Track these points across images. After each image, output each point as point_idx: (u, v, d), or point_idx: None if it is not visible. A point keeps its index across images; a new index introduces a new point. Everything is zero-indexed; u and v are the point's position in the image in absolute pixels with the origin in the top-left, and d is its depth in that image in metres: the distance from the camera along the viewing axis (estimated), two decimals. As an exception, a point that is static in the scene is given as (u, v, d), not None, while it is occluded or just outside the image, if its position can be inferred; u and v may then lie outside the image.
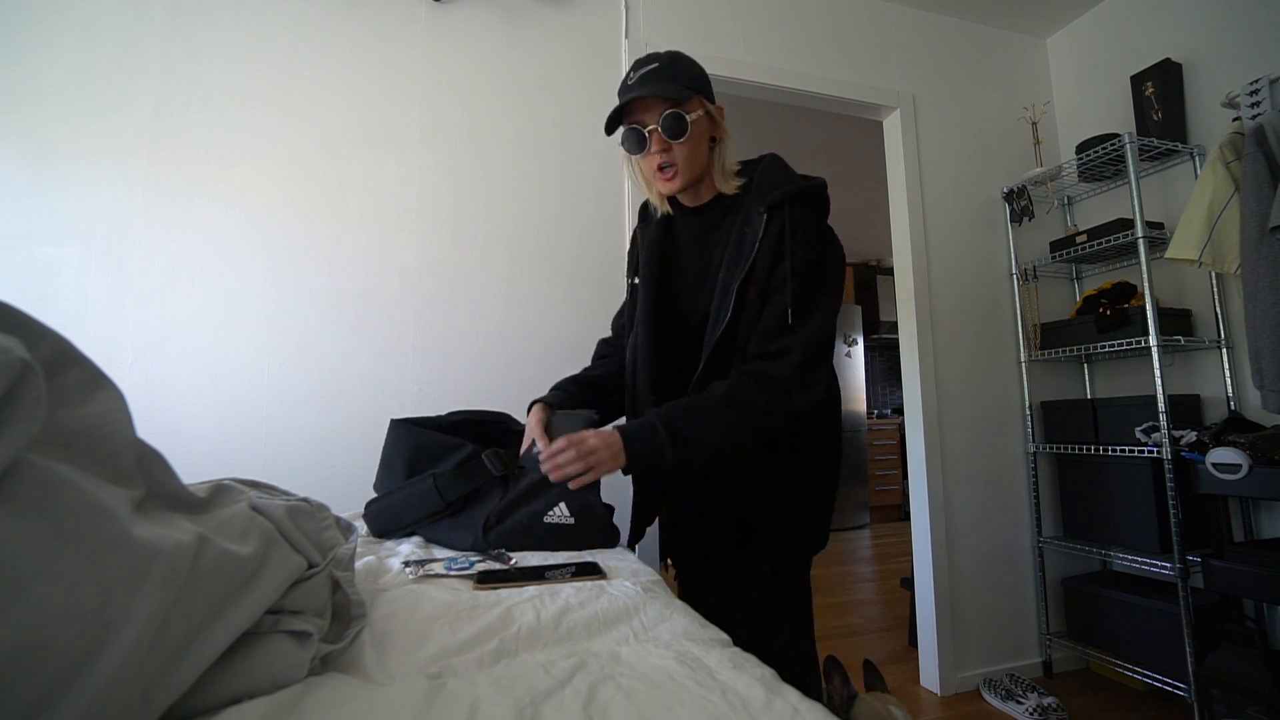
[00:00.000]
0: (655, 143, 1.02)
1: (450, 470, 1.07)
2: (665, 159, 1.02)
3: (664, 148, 1.02)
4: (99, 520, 0.35)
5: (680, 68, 1.03)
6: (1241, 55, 2.01)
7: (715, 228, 1.09)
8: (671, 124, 0.99)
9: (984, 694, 2.12)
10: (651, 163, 1.04)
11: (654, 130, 1.01)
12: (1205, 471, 1.71)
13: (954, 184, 2.45)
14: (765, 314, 0.99)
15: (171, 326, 1.58)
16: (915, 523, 2.29)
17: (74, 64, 1.57)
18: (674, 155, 1.02)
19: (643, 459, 0.95)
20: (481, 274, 1.84)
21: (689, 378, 1.05)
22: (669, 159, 1.02)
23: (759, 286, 0.99)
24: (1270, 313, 1.62)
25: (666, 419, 0.95)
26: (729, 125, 1.10)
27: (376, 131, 1.80)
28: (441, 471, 1.07)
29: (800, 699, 0.50)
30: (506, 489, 1.07)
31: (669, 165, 1.03)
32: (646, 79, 1.00)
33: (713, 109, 1.06)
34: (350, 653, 0.56)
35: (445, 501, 1.05)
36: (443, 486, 1.05)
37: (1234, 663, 1.66)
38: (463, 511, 1.06)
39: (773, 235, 0.99)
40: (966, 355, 2.36)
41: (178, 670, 0.38)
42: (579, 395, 1.18)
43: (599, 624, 0.67)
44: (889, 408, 5.98)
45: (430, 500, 1.06)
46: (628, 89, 1.01)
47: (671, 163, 1.03)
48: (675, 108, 1.00)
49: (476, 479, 1.06)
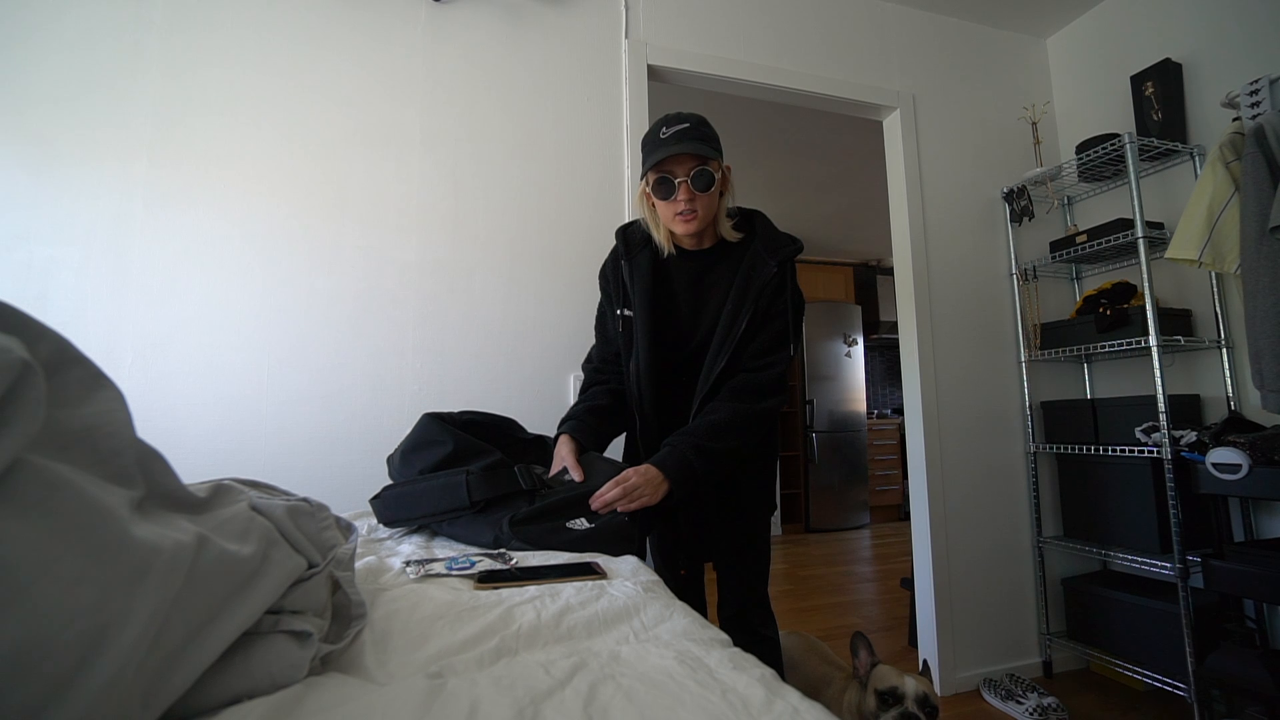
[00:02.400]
0: (683, 192, 1.19)
1: (480, 469, 1.08)
2: (689, 207, 1.20)
3: (690, 197, 1.19)
4: (99, 520, 0.35)
5: (707, 130, 1.21)
6: (1241, 55, 2.01)
7: (712, 269, 1.29)
8: (702, 180, 1.18)
9: (984, 694, 2.12)
10: (674, 208, 1.21)
11: (683, 182, 1.18)
12: (1205, 471, 1.71)
13: (954, 184, 2.45)
14: (759, 339, 1.23)
15: (171, 326, 1.58)
16: (915, 523, 2.29)
17: (75, 65, 1.57)
18: (696, 204, 1.20)
19: (682, 484, 1.13)
20: (481, 274, 1.84)
21: (687, 397, 1.26)
22: (692, 207, 1.20)
23: (757, 321, 1.23)
24: (1270, 313, 1.62)
25: (694, 444, 1.15)
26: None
27: (376, 132, 1.80)
28: (474, 469, 1.08)
29: (800, 699, 0.50)
30: (532, 501, 1.08)
31: (690, 211, 1.20)
32: (681, 136, 1.17)
33: (725, 169, 1.25)
34: (350, 653, 0.56)
35: (471, 500, 1.05)
36: (473, 484, 1.06)
37: (1234, 663, 1.66)
38: (482, 514, 1.06)
39: (776, 283, 1.24)
40: (966, 355, 2.36)
41: (178, 670, 0.38)
42: (596, 424, 1.33)
43: (599, 623, 0.67)
44: (889, 408, 5.98)
45: (456, 495, 1.06)
46: (663, 144, 1.18)
47: (694, 210, 1.20)
48: (704, 165, 1.18)
49: (505, 487, 1.08)
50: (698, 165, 1.18)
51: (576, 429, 1.29)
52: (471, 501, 1.05)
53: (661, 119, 1.22)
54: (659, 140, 1.19)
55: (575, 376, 1.86)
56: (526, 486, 1.09)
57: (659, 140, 1.19)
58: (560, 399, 1.85)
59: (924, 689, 1.25)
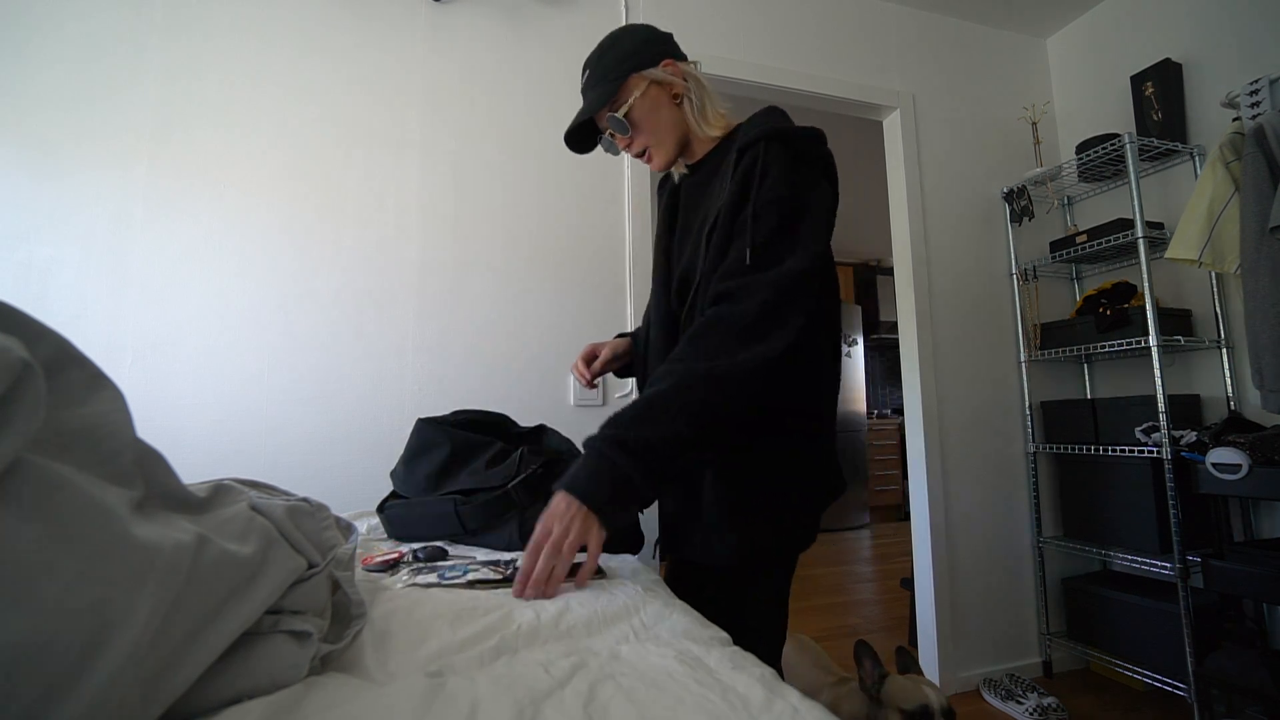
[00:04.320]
0: (619, 141, 1.03)
1: (476, 505, 1.04)
2: (634, 149, 1.02)
3: (626, 143, 1.02)
4: (99, 520, 0.35)
5: (607, 59, 1.00)
6: (1241, 55, 2.01)
7: (708, 182, 1.01)
8: (615, 125, 0.99)
9: (984, 694, 2.12)
10: (630, 153, 1.04)
11: (611, 133, 1.02)
12: (1205, 471, 1.71)
13: (954, 184, 2.45)
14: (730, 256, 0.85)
15: (171, 326, 1.58)
16: (915, 523, 2.29)
17: (75, 64, 1.58)
18: (639, 142, 1.01)
19: (611, 498, 0.75)
20: (480, 273, 1.84)
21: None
22: (637, 148, 1.02)
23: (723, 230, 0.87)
24: (1270, 313, 1.62)
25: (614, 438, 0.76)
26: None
27: (376, 132, 1.80)
28: (466, 499, 1.05)
29: (800, 699, 0.50)
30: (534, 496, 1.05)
31: (641, 153, 1.03)
32: (584, 92, 1.02)
33: (659, 72, 0.99)
34: (350, 652, 0.56)
35: (466, 530, 1.04)
36: (465, 515, 1.03)
37: (1234, 663, 1.66)
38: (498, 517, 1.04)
39: (740, 175, 0.88)
40: (966, 355, 2.36)
41: (178, 670, 0.38)
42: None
43: (599, 622, 0.67)
44: (889, 408, 5.98)
45: (449, 524, 1.05)
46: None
47: (643, 148, 1.02)
48: (611, 110, 0.99)
49: (501, 511, 1.03)
50: (608, 112, 0.99)
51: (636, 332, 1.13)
52: (466, 530, 1.04)
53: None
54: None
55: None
56: (525, 505, 1.04)
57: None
58: (559, 398, 1.85)
59: (944, 701, 1.14)
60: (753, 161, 0.87)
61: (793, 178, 0.87)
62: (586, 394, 1.86)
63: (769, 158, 0.87)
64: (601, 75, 1.00)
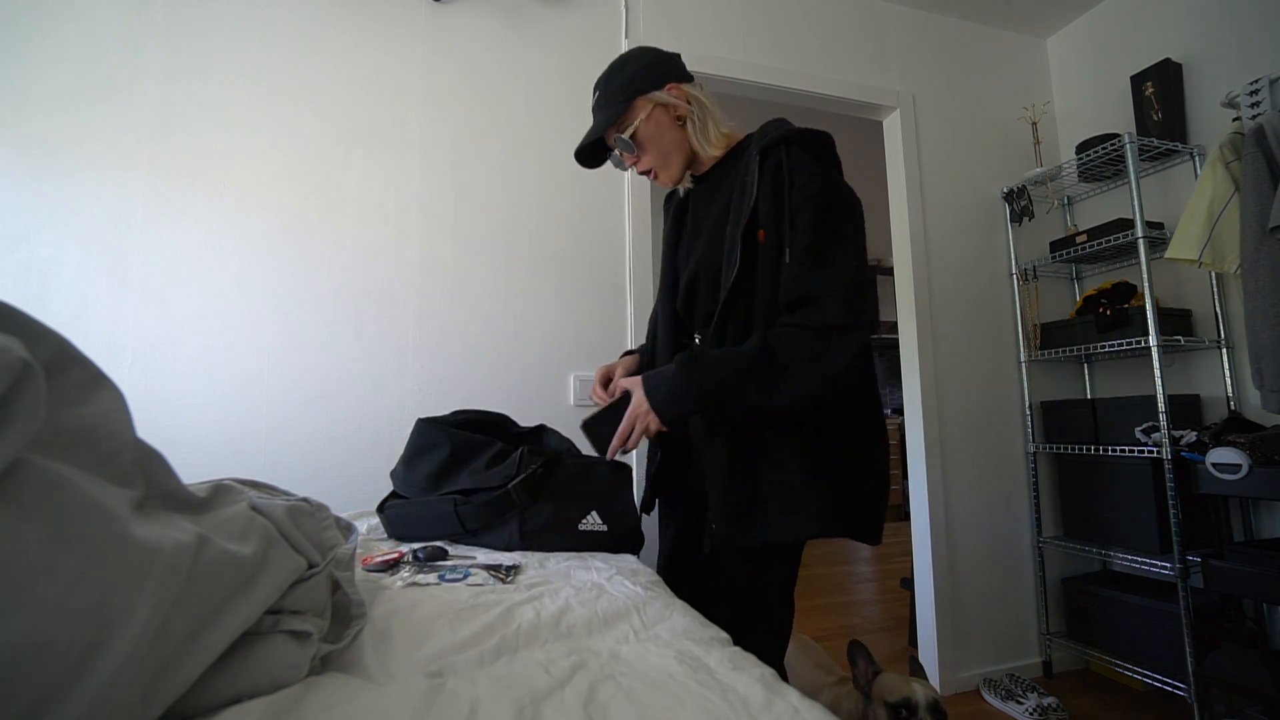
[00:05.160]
0: (627, 159, 1.09)
1: (476, 505, 1.06)
2: (641, 167, 1.09)
3: (634, 161, 1.09)
4: (99, 520, 0.35)
5: (615, 81, 1.05)
6: (1241, 55, 2.00)
7: (719, 186, 1.08)
8: (622, 144, 1.05)
9: (984, 694, 2.12)
10: (638, 171, 1.10)
11: (620, 152, 1.08)
12: (1205, 471, 1.71)
13: (954, 184, 2.45)
14: (790, 257, 0.92)
15: (171, 326, 1.58)
16: (915, 523, 2.29)
17: (75, 64, 1.58)
18: (645, 161, 1.08)
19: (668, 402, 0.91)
20: (481, 274, 1.84)
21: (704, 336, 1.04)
22: (644, 166, 1.09)
23: (770, 229, 0.94)
24: (1270, 313, 1.62)
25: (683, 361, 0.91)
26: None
27: (376, 132, 1.80)
28: (466, 499, 1.06)
29: (800, 699, 0.50)
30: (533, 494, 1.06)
31: (647, 171, 1.09)
32: (594, 111, 1.07)
33: (663, 95, 1.04)
34: (350, 652, 0.56)
35: (466, 530, 1.05)
36: (464, 515, 1.05)
37: (1234, 663, 1.66)
38: (499, 517, 1.05)
39: (769, 173, 0.95)
40: (966, 355, 2.36)
41: (178, 670, 0.38)
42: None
43: (599, 623, 0.67)
44: (889, 408, 5.97)
45: (449, 524, 1.06)
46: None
47: (648, 167, 1.09)
48: (619, 130, 1.05)
49: (501, 511, 1.05)
50: (615, 132, 1.05)
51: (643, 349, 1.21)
52: (465, 530, 1.05)
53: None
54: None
55: (575, 376, 1.87)
56: (525, 504, 1.06)
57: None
58: (559, 399, 1.85)
59: (932, 695, 1.18)
60: (778, 161, 0.95)
61: (819, 176, 0.95)
62: (586, 395, 1.86)
63: (793, 159, 0.95)
64: (610, 97, 1.06)
